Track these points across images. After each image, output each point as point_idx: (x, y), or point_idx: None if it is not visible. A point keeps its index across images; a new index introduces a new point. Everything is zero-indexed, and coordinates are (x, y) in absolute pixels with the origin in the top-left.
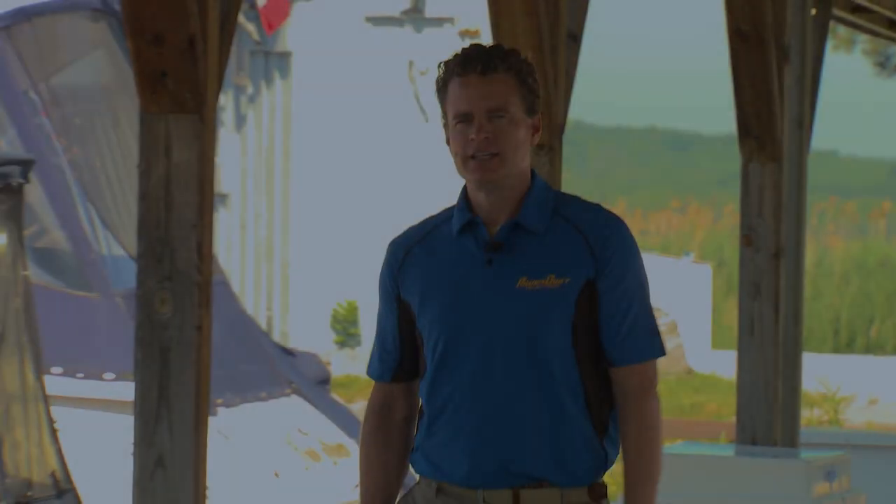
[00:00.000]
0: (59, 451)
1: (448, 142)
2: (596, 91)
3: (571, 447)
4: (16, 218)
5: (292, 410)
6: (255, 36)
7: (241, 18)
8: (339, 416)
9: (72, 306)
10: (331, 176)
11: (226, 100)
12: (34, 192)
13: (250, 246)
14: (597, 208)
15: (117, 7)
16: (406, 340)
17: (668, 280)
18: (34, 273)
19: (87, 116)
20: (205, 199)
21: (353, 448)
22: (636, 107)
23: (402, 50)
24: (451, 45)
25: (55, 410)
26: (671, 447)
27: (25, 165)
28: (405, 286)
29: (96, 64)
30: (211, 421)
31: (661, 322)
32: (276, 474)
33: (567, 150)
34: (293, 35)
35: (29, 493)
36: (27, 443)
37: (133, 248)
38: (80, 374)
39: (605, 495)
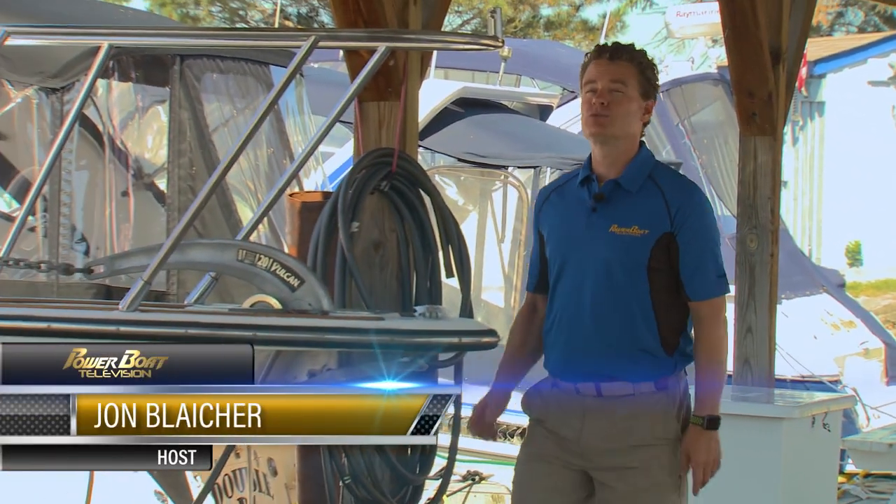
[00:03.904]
0: None
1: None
2: None
3: (640, 355)
4: None
5: (823, 301)
6: (804, 92)
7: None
8: (851, 305)
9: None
10: (846, 170)
11: (787, 128)
12: None
13: (798, 210)
14: (682, 178)
15: (727, 77)
16: (543, 262)
17: None
18: None
19: (710, 138)
20: (775, 183)
21: (859, 323)
22: None
23: (886, 100)
24: None
25: None
26: None
27: (676, 166)
28: (542, 223)
29: (716, 109)
30: (778, 307)
31: None
32: (815, 336)
33: None
34: (826, 91)
35: None
36: None
37: (734, 210)
38: None
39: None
